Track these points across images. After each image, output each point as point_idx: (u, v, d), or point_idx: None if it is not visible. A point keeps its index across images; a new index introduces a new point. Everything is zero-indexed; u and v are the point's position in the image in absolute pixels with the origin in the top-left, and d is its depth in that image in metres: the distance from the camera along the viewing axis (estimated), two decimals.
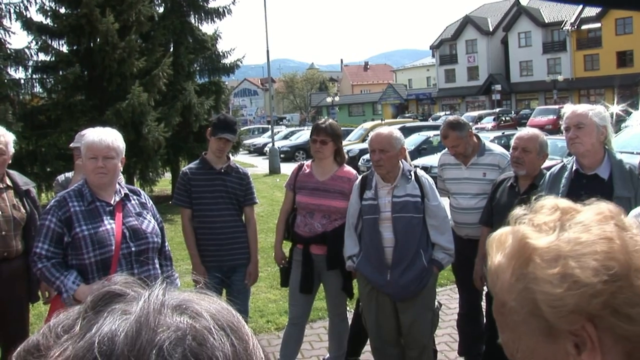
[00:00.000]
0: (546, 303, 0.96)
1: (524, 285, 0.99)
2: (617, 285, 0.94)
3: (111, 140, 3.52)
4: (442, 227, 4.40)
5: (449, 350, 5.65)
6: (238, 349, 0.64)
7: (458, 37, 69.57)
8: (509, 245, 1.04)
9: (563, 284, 0.95)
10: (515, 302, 1.00)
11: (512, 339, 1.05)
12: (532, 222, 1.06)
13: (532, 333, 1.00)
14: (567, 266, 0.96)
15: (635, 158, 3.20)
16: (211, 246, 4.77)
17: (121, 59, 14.28)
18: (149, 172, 15.69)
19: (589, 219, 1.02)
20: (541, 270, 0.97)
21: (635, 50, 55.90)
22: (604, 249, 0.96)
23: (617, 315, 0.94)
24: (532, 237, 1.02)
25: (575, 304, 0.94)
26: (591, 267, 0.94)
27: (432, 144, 20.35)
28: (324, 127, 4.80)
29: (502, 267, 1.05)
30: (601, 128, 3.78)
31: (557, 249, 0.98)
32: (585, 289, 0.93)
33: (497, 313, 1.09)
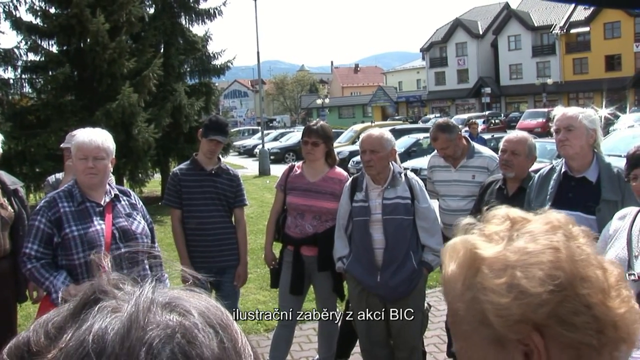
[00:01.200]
0: (493, 312, 0.96)
1: (473, 295, 0.99)
2: (563, 295, 0.95)
3: (101, 141, 3.52)
4: (432, 229, 4.42)
5: (438, 351, 5.67)
6: (227, 346, 0.64)
7: (448, 40, 69.70)
8: (461, 255, 1.05)
9: (509, 294, 0.95)
10: (465, 311, 1.01)
11: (464, 348, 1.06)
12: (483, 231, 1.07)
13: (482, 342, 1.01)
14: (513, 276, 0.96)
15: (622, 161, 3.23)
16: (200, 247, 4.76)
17: (111, 60, 14.23)
18: (138, 173, 15.62)
19: (537, 228, 1.03)
20: (488, 280, 0.98)
21: (624, 54, 56.25)
22: (550, 258, 0.97)
23: (563, 324, 0.95)
24: (481, 247, 1.02)
25: (521, 314, 0.94)
26: (537, 277, 0.95)
27: (421, 147, 20.40)
28: (315, 129, 4.82)
29: (454, 276, 1.05)
30: (591, 131, 3.81)
31: (504, 259, 0.99)
32: (531, 298, 0.94)
33: (450, 322, 1.10)
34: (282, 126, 63.51)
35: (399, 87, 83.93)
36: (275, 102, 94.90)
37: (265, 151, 26.42)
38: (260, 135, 29.74)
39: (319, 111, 67.06)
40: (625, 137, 13.51)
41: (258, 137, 34.63)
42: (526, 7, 65.25)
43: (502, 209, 1.11)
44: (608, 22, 56.54)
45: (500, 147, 4.53)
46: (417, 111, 73.77)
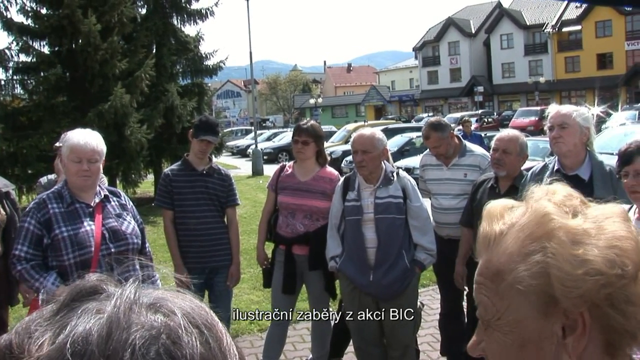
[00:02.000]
0: (560, 281, 0.96)
1: (542, 259, 0.98)
2: (624, 283, 0.96)
3: (96, 144, 3.52)
4: (424, 227, 4.42)
5: (431, 350, 5.68)
6: (212, 346, 0.64)
7: (441, 39, 69.82)
8: (526, 217, 1.04)
9: (582, 267, 0.95)
10: (527, 272, 0.99)
11: (497, 305, 1.04)
12: (551, 200, 1.06)
13: (527, 306, 1.00)
14: (589, 251, 0.97)
15: (614, 159, 3.25)
16: (193, 248, 4.76)
17: (103, 60, 14.21)
18: (131, 174, 15.61)
19: (614, 212, 1.04)
20: (565, 249, 0.97)
21: (615, 53, 56.48)
22: (625, 245, 0.98)
23: (615, 309, 0.97)
24: (557, 213, 1.02)
25: (586, 289, 0.95)
26: (610, 258, 0.96)
27: (414, 146, 20.41)
28: (305, 128, 4.84)
29: (509, 235, 1.04)
30: (584, 129, 3.83)
31: (584, 232, 0.99)
32: (600, 278, 0.95)
33: (484, 278, 1.07)
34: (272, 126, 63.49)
35: (391, 86, 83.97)
36: (268, 102, 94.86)
37: (259, 151, 26.40)
38: (253, 136, 29.75)
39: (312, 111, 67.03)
40: (617, 134, 13.56)
41: (251, 137, 34.63)
42: (518, 5, 65.44)
43: (562, 184, 1.11)
44: (599, 21, 56.77)
45: (492, 145, 4.54)
46: (410, 110, 73.89)
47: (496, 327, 1.05)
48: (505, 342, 1.04)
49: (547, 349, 1.00)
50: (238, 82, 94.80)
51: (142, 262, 1.82)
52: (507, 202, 1.12)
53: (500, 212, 1.09)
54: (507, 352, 1.04)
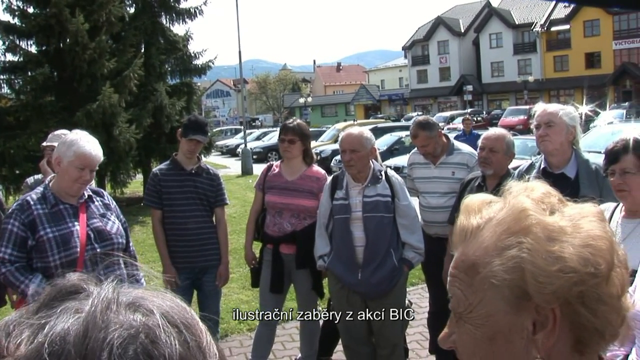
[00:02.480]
0: (534, 277, 0.97)
1: (517, 254, 0.99)
2: (597, 282, 0.98)
3: (101, 154, 3.55)
4: (412, 226, 4.44)
5: (420, 348, 5.70)
6: (191, 345, 0.64)
7: (430, 38, 69.94)
8: (504, 212, 1.04)
9: (556, 264, 0.96)
10: (501, 266, 1.00)
11: (469, 298, 1.05)
12: (529, 196, 1.06)
13: (500, 300, 1.01)
14: (565, 249, 0.98)
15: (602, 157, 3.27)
16: (182, 247, 4.75)
17: (91, 60, 14.13)
18: (120, 174, 15.55)
19: (590, 212, 1.05)
20: (540, 245, 0.98)
21: (603, 52, 56.77)
22: (599, 244, 0.99)
23: (586, 307, 0.98)
24: (535, 210, 1.02)
25: (559, 286, 0.96)
26: (584, 257, 0.97)
27: (404, 145, 20.44)
28: (291, 127, 4.85)
29: (486, 229, 1.05)
30: (571, 128, 3.85)
31: (560, 230, 1.00)
32: (574, 275, 0.96)
33: (459, 270, 1.08)
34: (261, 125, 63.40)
35: (381, 85, 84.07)
36: (257, 102, 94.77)
37: (248, 150, 26.38)
38: (243, 135, 29.70)
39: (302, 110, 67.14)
40: (605, 133, 13.65)
41: (240, 136, 34.56)
42: (507, 5, 65.62)
43: (541, 182, 1.12)
44: (588, 20, 57.03)
45: (479, 144, 4.56)
46: (399, 109, 73.95)
47: (468, 320, 1.05)
48: (475, 335, 1.04)
49: (517, 344, 1.01)
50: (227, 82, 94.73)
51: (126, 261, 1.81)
52: (485, 196, 1.13)
53: (479, 206, 1.10)
54: (478, 345, 1.05)
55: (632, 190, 2.87)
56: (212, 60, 19.12)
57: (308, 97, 70.09)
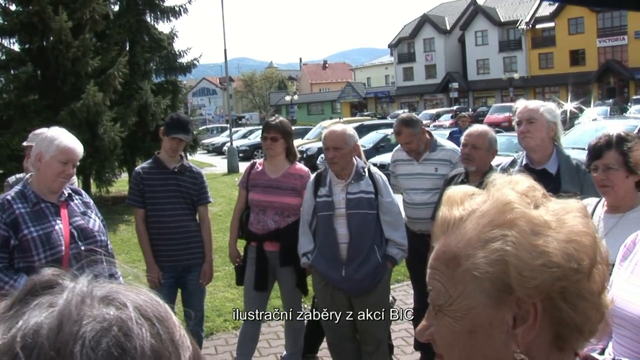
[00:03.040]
0: (518, 270, 0.96)
1: (501, 246, 0.98)
2: (579, 278, 0.98)
3: (82, 149, 3.52)
4: (395, 223, 4.44)
5: (406, 344, 5.71)
6: (164, 338, 0.65)
7: (416, 36, 70.14)
8: (488, 204, 1.04)
9: (540, 258, 0.96)
10: (485, 259, 0.99)
11: (450, 290, 1.04)
12: (514, 189, 1.06)
13: (481, 293, 1.00)
14: (549, 243, 0.97)
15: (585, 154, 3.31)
16: (165, 246, 4.73)
17: (75, 58, 14.06)
18: (105, 173, 15.49)
19: (574, 207, 1.05)
20: (525, 238, 0.98)
21: (587, 49, 57.19)
22: (583, 240, 1.00)
23: (567, 303, 0.98)
24: (520, 203, 1.02)
25: (542, 280, 0.96)
26: (568, 252, 0.97)
27: (390, 142, 20.47)
28: (274, 125, 4.86)
29: (469, 221, 1.04)
30: (551, 124, 3.89)
31: (545, 224, 1.00)
32: (557, 270, 0.96)
33: (439, 262, 1.07)
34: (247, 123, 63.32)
35: (367, 83, 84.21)
36: (244, 100, 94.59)
37: (234, 149, 26.34)
38: (229, 133, 29.66)
39: (288, 108, 67.11)
40: (589, 130, 13.72)
41: (227, 134, 34.51)
42: (492, 2, 65.90)
43: (526, 176, 1.11)
44: (572, 18, 57.43)
45: (461, 141, 4.58)
46: (385, 107, 74.11)
47: (447, 313, 1.04)
48: (455, 328, 1.04)
49: (496, 338, 1.01)
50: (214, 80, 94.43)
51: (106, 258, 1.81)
52: (468, 188, 1.12)
53: (461, 198, 1.09)
54: (457, 338, 1.04)
55: (615, 185, 2.90)
56: (197, 58, 19.12)
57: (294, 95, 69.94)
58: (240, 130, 42.16)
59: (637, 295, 2.17)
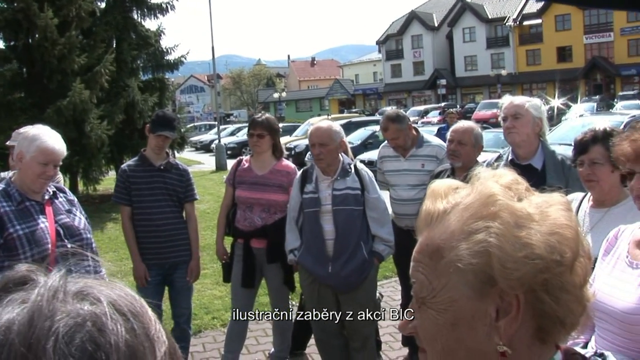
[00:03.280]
0: (501, 262, 0.96)
1: (484, 238, 0.99)
2: (561, 270, 0.98)
3: (64, 148, 3.46)
4: (382, 219, 4.44)
5: (394, 340, 5.72)
6: (138, 333, 0.64)
7: (404, 33, 70.27)
8: (471, 196, 1.04)
9: (523, 250, 0.96)
10: (468, 250, 0.99)
11: (433, 283, 1.04)
12: (498, 182, 1.06)
13: (464, 285, 1.00)
14: (532, 235, 0.98)
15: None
16: (152, 244, 4.71)
17: (61, 56, 13.97)
18: (92, 171, 15.44)
19: (557, 201, 1.05)
20: (508, 230, 0.98)
21: (574, 46, 57.52)
22: (566, 233, 1.00)
23: (549, 295, 0.98)
24: (504, 196, 1.02)
25: (525, 272, 0.96)
26: (551, 244, 0.97)
27: (378, 139, 20.49)
28: (260, 121, 4.86)
29: (453, 213, 1.04)
30: (537, 119, 3.91)
31: (528, 216, 1.00)
32: (540, 262, 0.96)
33: (423, 255, 1.07)
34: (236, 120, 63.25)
35: (355, 80, 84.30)
36: (232, 97, 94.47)
37: (222, 146, 26.29)
38: (217, 131, 29.62)
39: (276, 105, 67.07)
40: (575, 126, 13.81)
41: (215, 132, 34.48)
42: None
43: (509, 170, 1.12)
44: (559, 15, 57.75)
45: (447, 137, 4.59)
46: (374, 104, 74.21)
47: (430, 305, 1.04)
48: (438, 321, 1.04)
49: (479, 330, 1.01)
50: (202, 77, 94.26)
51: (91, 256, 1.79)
52: (452, 182, 1.12)
53: (445, 191, 1.10)
54: (440, 330, 1.04)
55: (600, 180, 2.92)
56: (185, 55, 19.06)
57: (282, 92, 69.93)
58: (229, 127, 42.06)
59: (618, 289, 2.18)
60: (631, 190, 2.24)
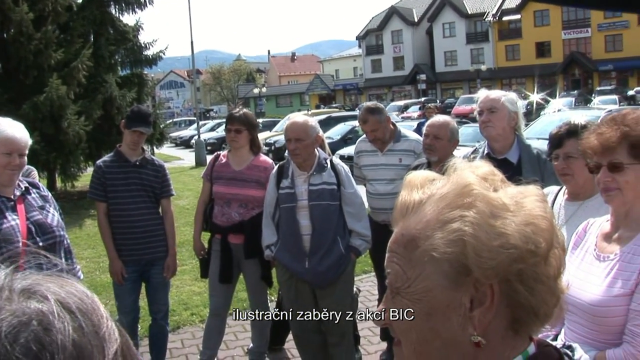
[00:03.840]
0: (476, 251, 0.97)
1: (460, 227, 0.99)
2: (536, 261, 0.98)
3: (27, 136, 3.38)
4: (358, 214, 4.45)
5: (372, 335, 5.74)
6: (87, 331, 0.63)
7: (384, 28, 70.49)
8: (447, 187, 1.04)
9: (498, 240, 0.96)
10: (443, 240, 1.00)
11: (408, 273, 1.04)
12: (474, 172, 1.06)
13: (439, 274, 1.00)
14: (507, 225, 0.98)
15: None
16: (128, 240, 4.68)
17: (37, 51, 13.83)
18: (70, 167, 15.31)
19: (532, 192, 1.05)
20: (483, 219, 0.98)
21: (553, 41, 58.03)
22: (540, 224, 1.00)
23: (523, 285, 0.98)
24: (479, 186, 1.02)
25: (500, 261, 0.96)
26: (526, 234, 0.98)
27: (357, 134, 20.50)
28: (237, 116, 4.85)
29: (428, 203, 1.04)
30: (512, 113, 3.94)
31: (503, 206, 1.00)
32: (515, 252, 0.96)
33: (398, 245, 1.07)
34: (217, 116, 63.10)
35: (335, 75, 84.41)
36: (212, 93, 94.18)
37: (202, 142, 26.24)
38: (197, 126, 29.55)
39: (257, 100, 66.95)
40: (553, 120, 13.90)
41: (194, 127, 34.39)
42: None
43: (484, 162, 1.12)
44: (538, 10, 58.18)
45: (423, 131, 4.60)
46: (354, 99, 74.36)
47: (405, 295, 1.04)
48: (412, 311, 1.04)
49: (453, 320, 1.01)
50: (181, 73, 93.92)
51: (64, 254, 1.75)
52: (428, 173, 1.12)
53: (421, 182, 1.10)
54: (414, 320, 1.04)
55: (575, 174, 2.94)
56: (163, 50, 18.97)
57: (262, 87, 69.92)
58: (209, 123, 41.94)
59: (586, 282, 2.21)
60: (598, 183, 2.26)
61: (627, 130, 2.14)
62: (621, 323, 2.09)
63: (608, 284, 2.15)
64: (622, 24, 54.03)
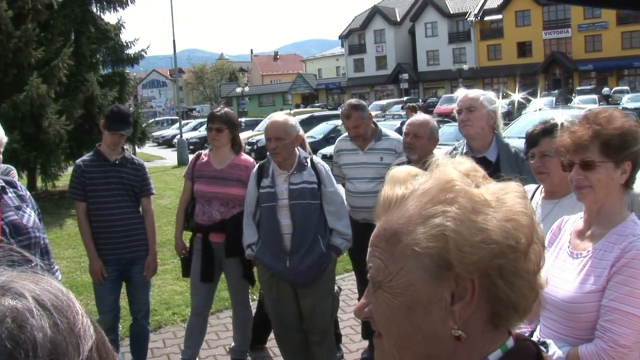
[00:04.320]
0: (457, 246, 0.98)
1: (442, 222, 1.00)
2: (516, 256, 1.00)
3: (2, 134, 3.29)
4: (339, 212, 4.45)
5: (354, 333, 5.76)
6: (62, 328, 0.63)
7: (366, 27, 70.49)
8: (430, 182, 1.05)
9: (480, 235, 0.98)
10: (425, 234, 1.01)
11: (390, 267, 1.04)
12: (457, 169, 1.07)
13: (421, 269, 1.01)
14: (489, 221, 0.99)
15: None
16: (108, 239, 4.65)
17: (17, 49, 13.65)
18: (51, 167, 15.13)
19: (513, 189, 1.07)
20: (465, 214, 1.00)
21: (534, 41, 58.36)
22: (521, 220, 1.01)
23: (503, 280, 1.00)
24: (462, 181, 1.03)
25: (481, 257, 0.97)
26: (506, 230, 0.99)
27: (340, 133, 20.48)
28: (219, 115, 4.84)
29: (410, 198, 1.05)
30: (491, 112, 3.98)
31: (485, 202, 1.01)
32: (495, 247, 0.97)
33: (380, 239, 1.08)
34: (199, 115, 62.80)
35: (318, 74, 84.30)
36: (194, 92, 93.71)
37: (184, 141, 26.12)
38: (179, 125, 29.40)
39: (239, 99, 66.71)
40: (533, 120, 13.95)
41: (177, 127, 34.21)
42: None
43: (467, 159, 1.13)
44: (519, 10, 58.53)
45: (403, 130, 4.62)
46: (336, 98, 74.29)
47: (387, 289, 1.05)
48: (393, 305, 1.04)
49: (434, 314, 1.02)
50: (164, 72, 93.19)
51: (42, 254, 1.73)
52: (411, 169, 1.13)
53: (404, 177, 1.11)
54: (395, 314, 1.05)
55: (551, 172, 2.97)
56: (145, 49, 18.83)
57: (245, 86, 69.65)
58: (191, 122, 41.73)
59: (560, 279, 2.24)
60: (570, 180, 2.29)
61: (599, 129, 2.18)
62: (593, 319, 2.12)
63: (580, 281, 2.18)
64: (601, 25, 54.48)
